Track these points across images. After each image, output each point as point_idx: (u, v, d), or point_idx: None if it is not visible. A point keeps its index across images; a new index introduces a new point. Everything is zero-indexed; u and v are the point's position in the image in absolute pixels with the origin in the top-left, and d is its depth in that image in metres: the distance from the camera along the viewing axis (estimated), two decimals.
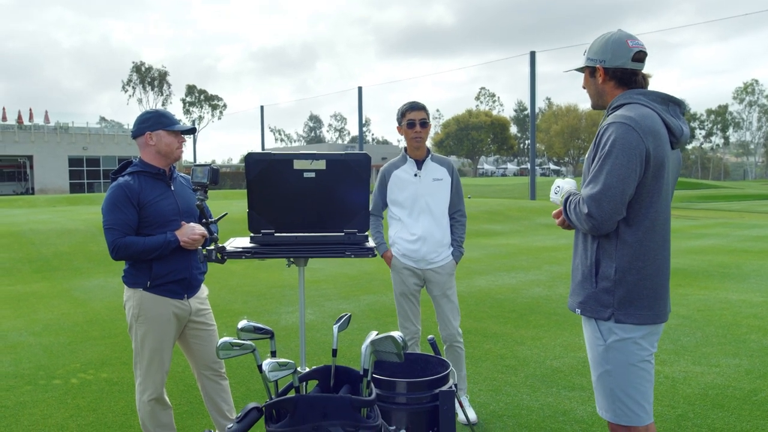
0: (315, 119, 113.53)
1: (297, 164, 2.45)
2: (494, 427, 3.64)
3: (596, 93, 2.36)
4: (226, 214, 2.97)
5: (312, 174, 2.46)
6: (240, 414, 2.11)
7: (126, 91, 65.49)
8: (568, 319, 6.17)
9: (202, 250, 2.56)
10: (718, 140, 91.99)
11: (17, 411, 4.00)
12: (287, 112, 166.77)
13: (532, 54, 26.28)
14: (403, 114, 3.71)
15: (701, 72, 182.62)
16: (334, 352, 2.28)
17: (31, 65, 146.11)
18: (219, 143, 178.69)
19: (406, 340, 2.28)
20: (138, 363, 2.95)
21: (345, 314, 2.47)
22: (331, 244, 2.52)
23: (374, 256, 2.56)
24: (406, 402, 2.60)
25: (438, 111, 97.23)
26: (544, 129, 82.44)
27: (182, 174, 3.18)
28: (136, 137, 2.96)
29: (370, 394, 2.15)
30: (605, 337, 2.26)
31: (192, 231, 2.90)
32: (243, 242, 2.59)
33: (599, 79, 2.32)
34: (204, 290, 3.17)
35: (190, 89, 70.71)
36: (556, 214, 2.41)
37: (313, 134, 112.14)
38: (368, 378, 2.17)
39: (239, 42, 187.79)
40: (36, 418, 3.88)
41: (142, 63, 65.37)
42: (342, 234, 2.54)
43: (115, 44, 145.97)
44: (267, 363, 2.06)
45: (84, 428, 3.73)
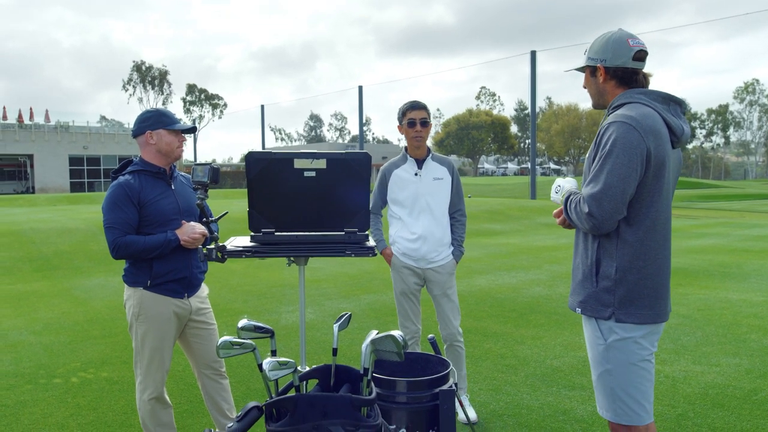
0: (315, 118, 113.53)
1: (297, 163, 2.45)
2: (494, 427, 3.64)
3: (597, 92, 2.36)
4: (227, 213, 2.97)
5: (312, 173, 2.46)
6: (240, 413, 2.11)
7: (126, 91, 65.39)
8: (569, 319, 6.17)
9: (203, 249, 2.56)
10: (719, 140, 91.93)
11: (18, 410, 4.00)
12: (288, 112, 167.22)
13: (533, 53, 26.29)
14: (404, 113, 3.71)
15: (702, 71, 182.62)
16: (335, 351, 2.28)
17: (32, 65, 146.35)
18: (219, 142, 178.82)
19: (407, 340, 2.28)
20: (138, 362, 2.96)
21: (345, 313, 2.47)
22: (332, 243, 2.52)
23: (374, 256, 2.56)
24: (407, 401, 2.60)
25: (438, 110, 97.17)
26: (545, 128, 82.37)
27: (183, 173, 3.18)
28: (137, 136, 2.96)
29: (371, 393, 2.15)
30: (606, 337, 2.26)
31: (192, 230, 2.90)
32: (243, 241, 2.59)
33: (600, 79, 2.32)
34: (204, 289, 3.17)
35: (191, 88, 70.58)
36: (557, 214, 2.41)
37: (314, 133, 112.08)
38: (368, 377, 2.17)
39: (239, 42, 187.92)
40: (36, 417, 3.88)
41: (143, 62, 65.08)
42: (342, 233, 2.54)
43: (115, 44, 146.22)
44: (267, 362, 2.06)
45: (84, 427, 3.74)
